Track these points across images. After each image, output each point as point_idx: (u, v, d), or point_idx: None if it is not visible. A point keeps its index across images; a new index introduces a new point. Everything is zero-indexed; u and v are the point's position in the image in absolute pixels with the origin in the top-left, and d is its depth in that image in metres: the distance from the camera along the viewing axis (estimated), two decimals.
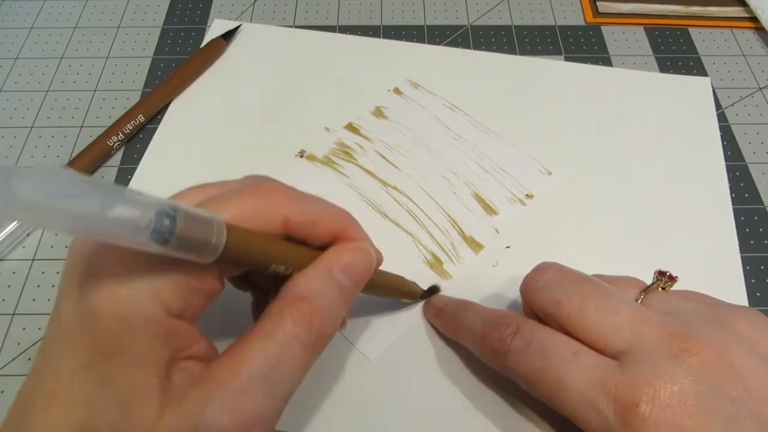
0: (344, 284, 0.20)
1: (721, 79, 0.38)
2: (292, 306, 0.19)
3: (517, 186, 0.33)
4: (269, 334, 0.18)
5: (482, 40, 0.40)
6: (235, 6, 0.42)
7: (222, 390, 0.17)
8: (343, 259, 0.20)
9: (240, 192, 0.19)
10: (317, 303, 0.19)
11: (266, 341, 0.18)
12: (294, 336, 0.18)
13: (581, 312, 0.21)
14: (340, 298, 0.20)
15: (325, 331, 0.19)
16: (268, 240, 0.19)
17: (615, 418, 0.19)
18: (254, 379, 0.18)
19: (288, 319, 0.18)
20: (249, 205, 0.19)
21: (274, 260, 0.19)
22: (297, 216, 0.19)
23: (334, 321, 0.20)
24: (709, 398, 0.18)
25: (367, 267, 0.21)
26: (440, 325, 0.27)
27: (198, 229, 0.16)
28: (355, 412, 0.26)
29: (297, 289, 0.19)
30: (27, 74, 0.39)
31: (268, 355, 0.18)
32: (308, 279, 0.19)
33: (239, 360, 0.18)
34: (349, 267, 0.20)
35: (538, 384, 0.21)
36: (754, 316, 0.22)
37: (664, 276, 0.24)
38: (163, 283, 0.17)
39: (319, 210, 0.21)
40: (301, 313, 0.19)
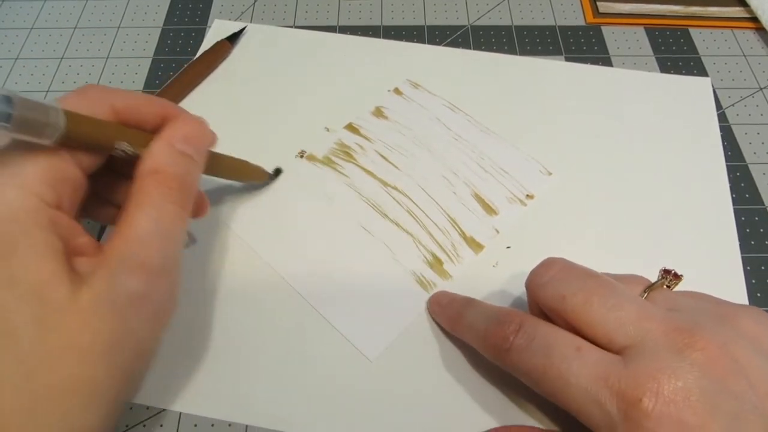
0: (188, 152, 0.22)
1: (721, 79, 0.38)
2: (149, 178, 0.21)
3: (517, 186, 0.33)
4: (141, 203, 0.20)
5: (482, 40, 0.40)
6: (235, 6, 0.42)
7: (122, 256, 0.19)
8: (181, 131, 0.23)
9: (66, 95, 0.21)
10: (170, 172, 0.21)
11: (142, 210, 0.20)
12: (162, 198, 0.21)
13: (585, 307, 0.21)
14: (189, 165, 0.22)
15: (186, 188, 0.22)
16: (105, 122, 0.21)
17: (618, 413, 0.19)
18: (145, 237, 0.20)
19: (150, 188, 0.21)
20: (74, 98, 0.21)
21: (115, 138, 0.21)
22: (121, 102, 0.22)
23: (191, 182, 0.23)
24: (712, 394, 0.18)
25: (205, 135, 0.24)
26: (443, 322, 0.27)
27: (36, 111, 0.18)
28: (355, 412, 0.26)
29: (149, 166, 0.21)
30: (27, 74, 0.39)
31: (148, 217, 0.20)
32: (155, 154, 0.22)
33: (126, 232, 0.20)
34: (188, 137, 0.23)
35: (540, 380, 0.21)
36: (759, 314, 0.22)
37: (668, 274, 0.25)
38: (30, 177, 0.19)
39: (140, 96, 0.23)
40: (158, 181, 0.21)
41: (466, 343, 0.27)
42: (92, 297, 0.19)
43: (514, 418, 0.25)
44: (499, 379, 0.26)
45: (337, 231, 0.31)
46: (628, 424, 0.19)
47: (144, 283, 0.20)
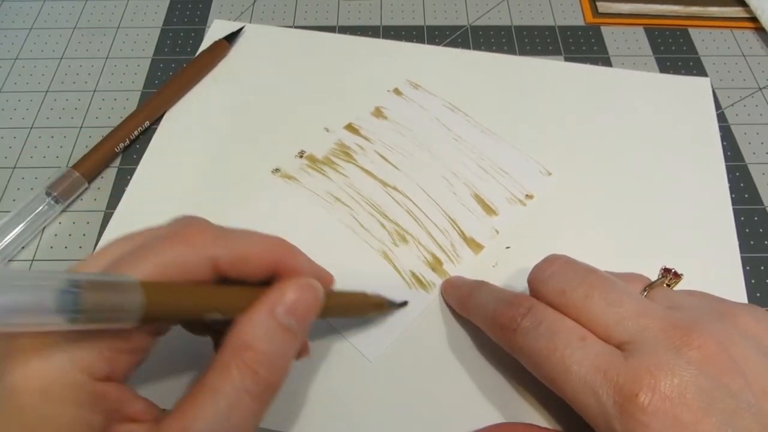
0: (290, 325, 0.19)
1: (721, 79, 0.38)
2: (236, 357, 0.18)
3: (517, 186, 0.33)
4: (217, 389, 0.17)
5: (482, 41, 0.40)
6: (234, 6, 0.42)
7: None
8: (285, 298, 0.19)
9: (161, 241, 0.18)
10: (263, 350, 0.18)
11: (214, 397, 0.17)
12: (242, 389, 0.18)
13: (586, 301, 0.21)
14: (287, 340, 0.19)
15: (273, 379, 0.19)
16: (195, 289, 0.18)
17: (614, 405, 0.19)
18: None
19: (234, 372, 0.18)
20: (170, 253, 0.18)
21: (204, 309, 0.18)
22: (225, 255, 0.19)
23: (283, 366, 0.19)
24: (709, 391, 0.18)
25: (314, 301, 0.20)
26: (454, 302, 0.28)
27: (108, 296, 0.15)
28: (355, 412, 0.26)
29: (240, 338, 0.18)
30: (27, 74, 0.39)
31: (217, 412, 0.17)
32: (251, 325, 0.18)
33: (189, 419, 0.17)
34: (293, 306, 0.19)
35: (542, 364, 0.21)
36: (758, 312, 0.22)
37: (669, 273, 0.25)
38: (83, 349, 0.17)
39: (249, 244, 0.20)
40: (246, 364, 0.18)
41: (466, 343, 0.27)
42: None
43: (516, 419, 0.25)
44: (500, 379, 0.26)
45: (337, 231, 0.31)
46: (623, 417, 0.19)
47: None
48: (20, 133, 0.36)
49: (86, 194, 0.33)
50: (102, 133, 0.35)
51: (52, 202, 0.31)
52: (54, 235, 0.32)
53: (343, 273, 0.29)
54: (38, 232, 0.32)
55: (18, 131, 0.36)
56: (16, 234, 0.31)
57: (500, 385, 0.26)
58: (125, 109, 0.37)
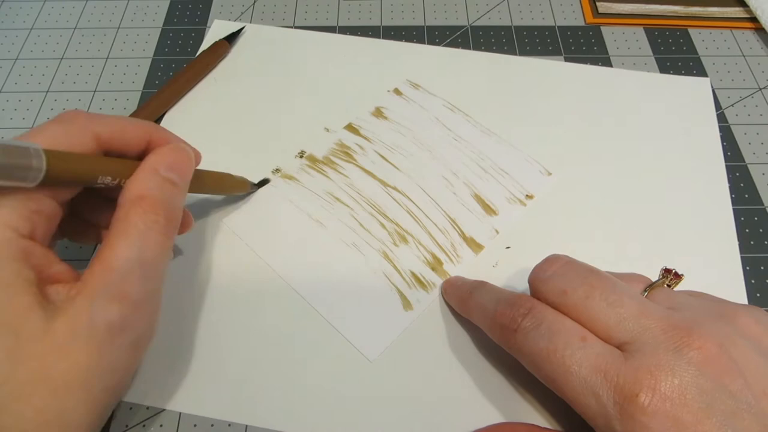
0: (173, 179, 0.22)
1: (721, 79, 0.38)
2: (134, 205, 0.21)
3: (517, 186, 0.33)
4: (125, 231, 0.20)
5: (482, 41, 0.40)
6: (235, 7, 0.42)
7: (102, 285, 0.19)
8: (165, 158, 0.22)
9: (46, 124, 0.21)
10: (155, 197, 0.21)
11: (126, 237, 0.20)
12: (147, 225, 0.21)
13: (586, 302, 0.21)
14: (174, 191, 0.22)
15: (171, 215, 0.22)
16: (87, 156, 0.21)
17: (614, 406, 0.19)
18: (127, 267, 0.20)
19: (136, 215, 0.20)
20: (56, 129, 0.21)
21: (98, 172, 0.21)
22: (104, 129, 0.22)
23: (177, 209, 0.22)
24: (709, 392, 0.18)
25: (189, 161, 0.24)
26: (454, 302, 0.28)
27: (17, 157, 0.18)
28: (355, 412, 0.26)
29: (133, 192, 0.21)
30: (27, 75, 0.39)
31: (131, 246, 0.20)
32: (139, 181, 0.21)
33: (108, 260, 0.20)
34: (172, 164, 0.22)
35: (542, 365, 0.21)
36: (758, 313, 0.22)
37: (669, 273, 0.25)
38: (3, 208, 0.19)
39: (124, 121, 0.23)
40: (144, 208, 0.21)
41: (466, 343, 0.27)
42: (68, 327, 0.18)
43: (516, 419, 0.25)
44: (500, 378, 0.26)
45: (337, 231, 0.31)
46: (623, 417, 0.19)
47: (123, 314, 0.19)
48: (20, 133, 0.36)
49: None
50: None
51: None
52: None
53: (343, 273, 0.30)
54: None
55: (18, 131, 0.36)
56: None
57: (500, 385, 0.26)
58: (125, 110, 0.37)
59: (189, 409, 0.26)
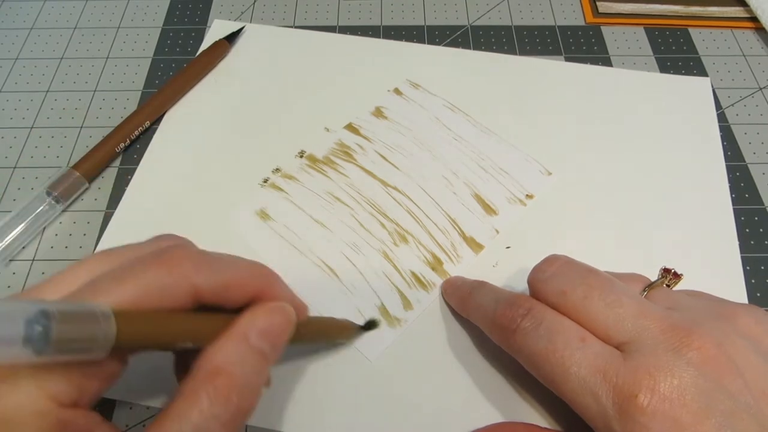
0: (263, 349, 0.19)
1: (721, 79, 0.38)
2: (207, 382, 0.17)
3: (517, 186, 0.33)
4: (185, 416, 0.17)
5: (482, 40, 0.40)
6: (235, 6, 0.42)
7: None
8: (258, 323, 0.19)
9: (143, 265, 0.18)
10: (235, 375, 0.18)
11: (181, 423, 0.17)
12: (211, 415, 0.17)
13: (585, 302, 0.21)
14: (260, 364, 0.19)
15: (245, 405, 0.18)
16: (169, 318, 0.18)
17: (613, 406, 0.19)
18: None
19: (203, 398, 0.17)
20: (151, 279, 0.17)
21: (178, 339, 0.18)
22: (207, 284, 0.18)
23: (255, 392, 0.19)
24: (708, 393, 0.18)
25: (287, 326, 0.20)
26: (454, 303, 0.28)
27: (79, 327, 0.14)
28: (355, 412, 0.26)
29: (211, 363, 0.18)
30: (27, 74, 0.39)
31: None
32: (223, 350, 0.18)
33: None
34: (266, 330, 0.19)
35: (542, 365, 0.21)
36: (758, 313, 0.22)
37: (668, 273, 0.25)
38: (51, 376, 0.16)
39: (232, 273, 0.19)
40: (216, 390, 0.17)
41: (466, 343, 0.27)
42: None
43: (516, 419, 0.25)
44: (500, 379, 0.26)
45: (337, 231, 0.31)
46: (622, 418, 0.19)
47: None
48: (20, 133, 0.36)
49: (87, 194, 0.33)
50: (102, 133, 0.35)
51: (52, 202, 0.31)
52: (54, 235, 0.32)
53: (343, 273, 0.30)
54: (39, 232, 0.32)
55: (18, 131, 0.36)
56: (16, 234, 0.31)
57: (500, 385, 0.26)
58: (125, 109, 0.37)
59: None
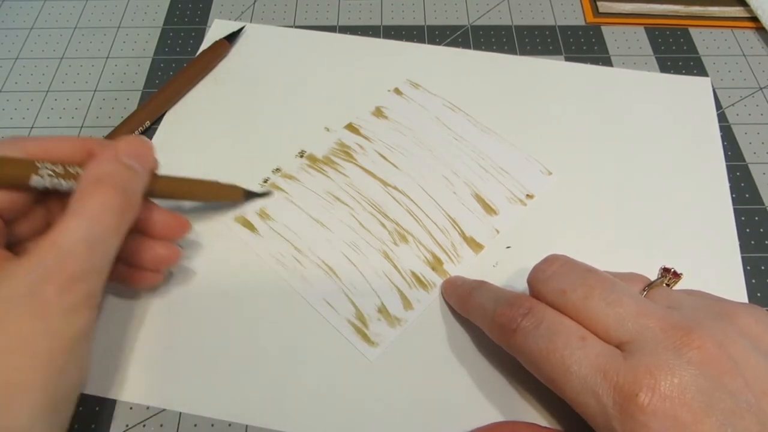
0: (134, 167, 0.22)
1: (721, 79, 0.38)
2: (93, 187, 0.21)
3: (517, 186, 0.33)
4: (75, 212, 0.20)
5: (482, 40, 0.40)
6: (235, 6, 0.42)
7: (47, 257, 0.20)
8: (126, 146, 0.23)
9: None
10: (115, 181, 0.21)
11: (76, 217, 0.20)
12: (100, 207, 0.21)
13: (585, 302, 0.21)
14: (134, 178, 0.22)
15: (129, 200, 0.22)
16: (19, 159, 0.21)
17: (614, 405, 0.19)
18: (74, 243, 0.20)
19: (91, 197, 0.21)
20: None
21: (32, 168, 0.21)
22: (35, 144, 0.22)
23: (135, 194, 0.23)
24: (708, 392, 0.18)
25: (150, 150, 0.24)
26: (454, 302, 0.28)
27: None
28: (355, 412, 0.26)
29: (90, 175, 0.21)
30: (27, 74, 0.39)
31: (80, 225, 0.20)
32: (100, 165, 0.22)
33: (57, 234, 0.20)
34: (133, 151, 0.23)
35: (542, 365, 0.21)
36: (758, 312, 0.22)
37: (668, 272, 0.25)
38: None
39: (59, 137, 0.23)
40: (102, 191, 0.21)
41: (466, 343, 0.27)
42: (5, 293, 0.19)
43: (516, 418, 0.25)
44: (500, 379, 0.26)
45: (337, 231, 0.31)
46: (623, 417, 0.19)
47: (58, 285, 0.20)
48: (20, 132, 0.36)
49: None
50: (102, 133, 0.35)
51: None
52: None
53: (343, 273, 0.30)
54: None
55: (18, 131, 0.36)
56: None
57: (500, 385, 0.26)
58: (125, 109, 0.37)
59: (189, 408, 0.26)
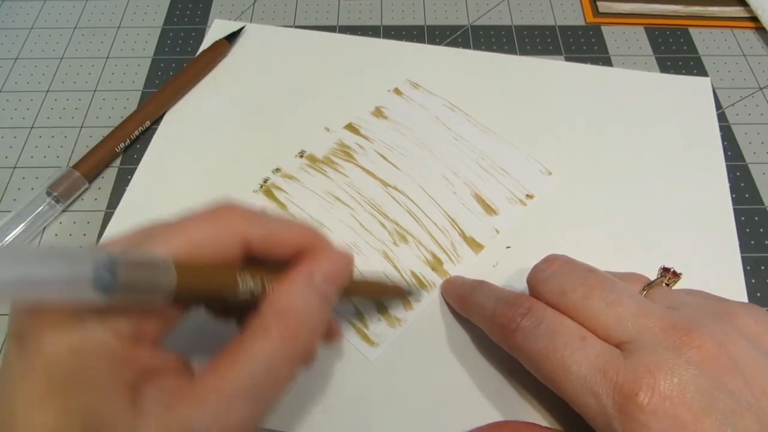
0: (326, 292, 0.19)
1: (721, 79, 0.38)
2: (275, 319, 0.18)
3: (517, 186, 0.33)
4: (253, 349, 0.18)
5: (482, 40, 0.40)
6: (235, 6, 0.42)
7: (208, 403, 0.17)
8: (323, 265, 0.19)
9: (194, 219, 0.19)
10: (301, 315, 0.18)
11: (251, 356, 0.18)
12: (278, 351, 0.18)
13: (585, 302, 0.21)
14: (323, 307, 0.19)
15: (310, 345, 0.19)
16: (226, 269, 0.18)
17: (614, 405, 0.19)
18: (239, 393, 0.17)
19: (273, 334, 0.18)
20: (203, 230, 0.18)
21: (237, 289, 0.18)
22: (257, 234, 0.19)
23: (318, 334, 0.20)
24: (708, 391, 0.18)
25: (347, 270, 0.21)
26: (454, 302, 0.28)
27: (143, 274, 0.16)
28: (355, 412, 0.26)
29: (279, 302, 0.18)
30: (27, 74, 0.39)
31: (253, 371, 0.17)
32: (290, 291, 0.19)
33: (224, 374, 0.17)
34: (329, 273, 0.20)
35: (542, 364, 0.21)
36: (758, 312, 0.22)
37: (668, 272, 0.25)
38: (114, 317, 0.17)
39: (280, 225, 0.20)
40: (287, 327, 0.18)
41: (466, 343, 0.27)
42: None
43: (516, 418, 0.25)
44: (500, 378, 0.26)
45: (337, 231, 0.31)
46: (622, 417, 0.19)
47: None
48: (20, 133, 0.36)
49: (87, 194, 0.33)
50: (102, 133, 0.35)
51: (52, 202, 0.31)
52: (54, 235, 0.32)
53: None
54: (39, 232, 0.32)
55: (18, 131, 0.36)
56: (16, 234, 0.31)
57: (500, 385, 0.26)
58: (125, 109, 0.37)
59: None
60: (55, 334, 0.16)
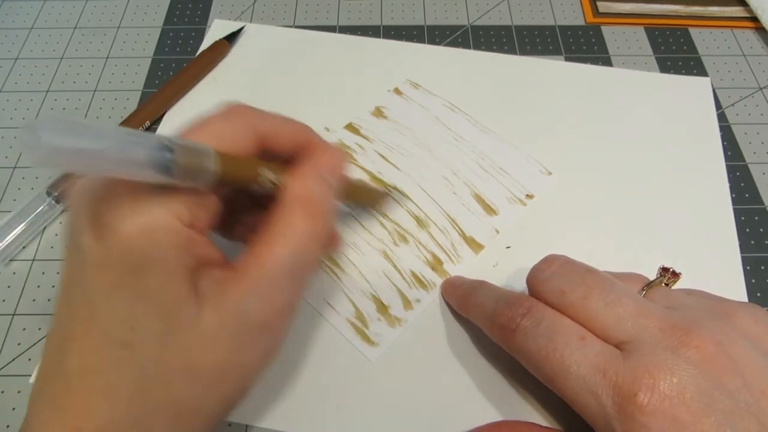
0: (331, 183, 0.22)
1: (721, 79, 0.38)
2: (299, 205, 0.20)
3: (517, 186, 0.33)
4: (285, 233, 0.20)
5: (482, 40, 0.40)
6: (235, 6, 0.42)
7: (256, 286, 0.19)
8: (326, 160, 0.22)
9: (214, 116, 0.21)
10: (318, 202, 0.21)
11: (284, 239, 0.20)
12: (307, 232, 0.20)
13: (585, 302, 0.21)
14: (330, 196, 0.22)
15: (328, 225, 0.21)
16: (253, 160, 0.21)
17: (613, 405, 0.19)
18: (280, 275, 0.19)
19: (299, 218, 0.20)
20: (225, 126, 0.20)
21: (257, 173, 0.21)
22: (267, 129, 0.22)
23: (332, 218, 0.22)
24: (707, 391, 0.18)
25: (344, 166, 0.24)
26: (454, 302, 0.28)
27: (194, 158, 0.17)
28: (355, 412, 0.26)
29: (298, 190, 0.21)
30: (27, 74, 0.39)
31: (289, 252, 0.20)
32: (304, 182, 0.21)
33: (265, 260, 0.19)
34: (332, 166, 0.22)
35: (541, 364, 0.21)
36: (757, 312, 0.22)
37: (667, 272, 0.25)
38: (173, 200, 0.18)
39: (281, 119, 0.23)
40: (308, 212, 0.20)
41: (466, 343, 0.27)
42: (217, 321, 0.19)
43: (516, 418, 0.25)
44: (500, 379, 0.26)
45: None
46: (622, 417, 0.19)
47: (268, 318, 0.20)
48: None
49: None
50: None
51: (52, 202, 0.32)
52: (55, 235, 0.32)
53: (343, 273, 0.30)
54: (39, 232, 0.32)
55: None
56: (16, 234, 0.31)
57: (500, 385, 0.26)
58: (125, 109, 0.37)
59: None
60: (127, 216, 0.17)
